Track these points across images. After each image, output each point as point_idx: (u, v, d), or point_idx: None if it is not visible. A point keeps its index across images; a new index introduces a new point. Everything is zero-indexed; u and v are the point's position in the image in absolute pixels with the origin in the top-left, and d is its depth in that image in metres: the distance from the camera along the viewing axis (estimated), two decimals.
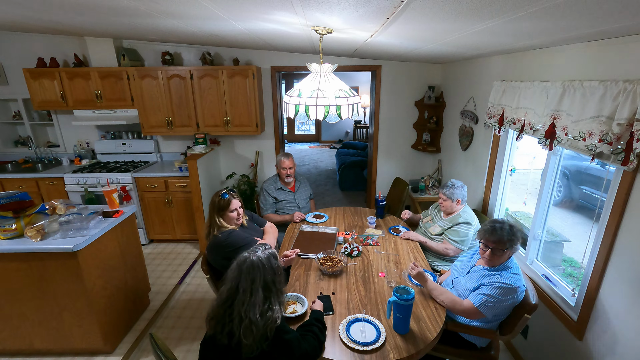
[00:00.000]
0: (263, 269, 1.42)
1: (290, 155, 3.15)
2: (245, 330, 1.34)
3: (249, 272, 1.40)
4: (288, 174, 3.08)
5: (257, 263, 1.42)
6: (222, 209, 2.16)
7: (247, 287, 1.38)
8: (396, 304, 1.59)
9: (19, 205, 2.18)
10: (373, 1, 1.23)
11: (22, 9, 2.13)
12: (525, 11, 1.13)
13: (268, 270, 1.43)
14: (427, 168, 4.35)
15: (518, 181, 3.05)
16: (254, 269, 1.41)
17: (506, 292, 1.69)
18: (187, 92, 3.68)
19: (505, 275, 1.73)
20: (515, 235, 1.74)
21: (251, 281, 1.39)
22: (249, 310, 1.36)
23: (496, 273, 1.77)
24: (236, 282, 1.40)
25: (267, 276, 1.42)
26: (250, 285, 1.39)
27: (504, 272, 1.75)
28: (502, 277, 1.73)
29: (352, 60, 3.92)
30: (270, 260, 1.47)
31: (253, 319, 1.35)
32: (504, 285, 1.69)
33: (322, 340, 1.54)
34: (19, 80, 3.87)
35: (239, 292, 1.39)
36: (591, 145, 1.50)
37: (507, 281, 1.70)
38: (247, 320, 1.34)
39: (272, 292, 1.43)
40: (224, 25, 2.23)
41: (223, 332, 1.36)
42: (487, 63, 2.80)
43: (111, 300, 2.43)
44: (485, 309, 1.71)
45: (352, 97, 1.89)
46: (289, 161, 3.09)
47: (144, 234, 3.95)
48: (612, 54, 1.53)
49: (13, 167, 3.97)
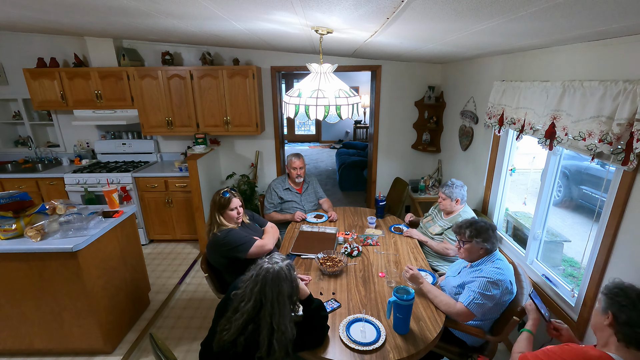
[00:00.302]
0: (289, 280, 1.41)
1: (301, 156, 3.12)
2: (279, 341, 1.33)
3: (274, 283, 1.38)
4: (298, 174, 3.06)
5: (282, 274, 1.40)
6: (223, 207, 2.18)
7: (274, 297, 1.36)
8: (396, 304, 1.59)
9: (19, 205, 2.18)
10: (373, 1, 1.23)
11: (22, 9, 2.13)
12: (525, 11, 1.13)
13: (291, 281, 1.43)
14: (427, 168, 4.35)
15: (518, 181, 3.06)
16: (280, 280, 1.39)
17: (487, 285, 1.71)
18: (187, 92, 3.68)
19: (486, 269, 1.78)
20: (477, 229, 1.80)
21: (278, 292, 1.37)
22: (280, 322, 1.35)
23: (477, 268, 1.82)
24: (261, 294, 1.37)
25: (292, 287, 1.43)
26: (277, 295, 1.37)
27: (484, 267, 1.80)
28: (482, 272, 1.77)
29: (352, 60, 3.92)
30: (291, 270, 1.46)
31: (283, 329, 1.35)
32: (485, 278, 1.73)
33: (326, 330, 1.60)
34: (19, 80, 3.87)
35: (264, 304, 1.37)
36: (591, 145, 1.50)
37: (487, 274, 1.74)
38: (279, 333, 1.34)
39: (294, 300, 1.44)
40: (224, 25, 2.23)
41: (237, 342, 1.35)
42: (487, 63, 2.80)
43: (111, 300, 2.43)
44: (474, 307, 1.71)
45: (352, 97, 1.89)
46: (299, 161, 3.07)
47: (144, 234, 3.95)
48: (612, 54, 1.53)
49: (13, 167, 3.97)
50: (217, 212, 2.18)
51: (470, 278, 1.81)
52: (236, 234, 2.15)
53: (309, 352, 1.53)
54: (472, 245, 1.83)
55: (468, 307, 1.72)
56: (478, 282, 1.74)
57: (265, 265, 1.43)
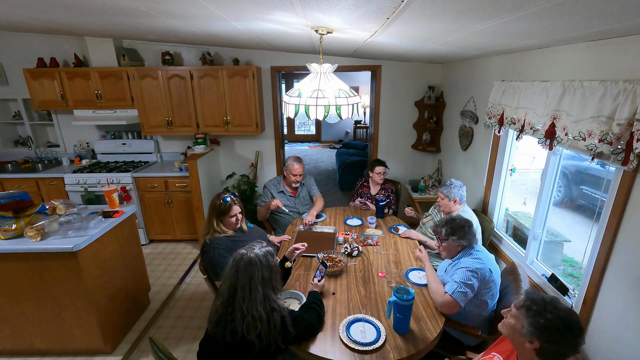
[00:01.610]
0: (260, 265, 1.44)
1: (301, 161, 2.99)
2: (248, 326, 1.35)
3: (246, 269, 1.42)
4: (297, 180, 2.95)
5: (254, 260, 1.44)
6: (222, 213, 2.12)
7: (246, 283, 1.40)
8: (396, 304, 1.59)
9: (19, 205, 2.18)
10: (373, 1, 1.23)
11: (22, 9, 2.13)
12: (525, 11, 1.13)
13: (265, 267, 1.45)
14: (427, 168, 4.35)
15: (518, 181, 3.05)
16: (252, 266, 1.43)
17: (467, 274, 1.78)
18: (187, 92, 3.68)
19: (464, 260, 1.86)
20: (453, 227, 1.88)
21: (249, 278, 1.41)
22: (250, 307, 1.37)
23: (457, 262, 1.90)
24: (234, 279, 1.43)
25: (264, 272, 1.44)
26: (248, 282, 1.41)
27: (463, 259, 1.88)
28: (461, 264, 1.85)
29: (352, 60, 3.92)
30: (267, 257, 1.49)
31: (256, 315, 1.37)
32: (464, 268, 1.81)
33: (321, 314, 1.66)
34: (19, 80, 3.87)
35: (237, 289, 1.41)
36: (591, 145, 1.50)
37: (466, 265, 1.82)
38: (250, 317, 1.36)
39: (270, 287, 1.45)
40: (224, 25, 2.23)
41: (226, 331, 1.38)
42: (487, 63, 2.80)
43: (111, 300, 2.43)
44: (458, 295, 1.75)
45: (352, 97, 1.89)
46: (300, 167, 2.93)
47: (144, 234, 3.95)
48: (612, 54, 1.53)
49: (13, 167, 3.97)
50: (215, 218, 2.12)
51: (452, 270, 1.89)
52: (219, 256, 2.01)
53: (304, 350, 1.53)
54: (449, 244, 1.91)
55: (453, 296, 1.76)
56: (459, 273, 1.81)
57: (241, 251, 1.49)
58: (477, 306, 1.85)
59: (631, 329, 1.47)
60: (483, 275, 1.79)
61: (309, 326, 1.55)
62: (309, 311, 1.61)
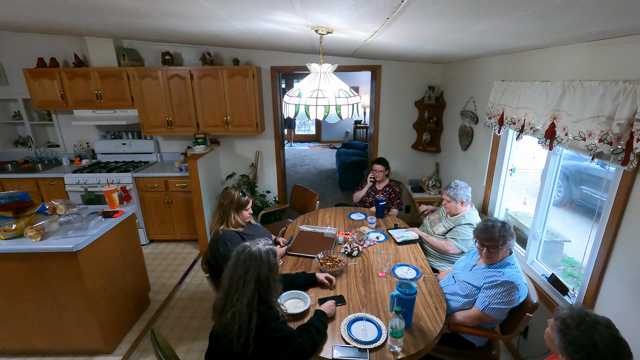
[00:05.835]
0: (260, 261, 1.43)
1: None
2: (231, 317, 1.35)
3: (245, 262, 1.42)
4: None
5: (255, 254, 1.44)
6: (242, 206, 2.24)
7: (241, 275, 1.40)
8: (399, 298, 1.60)
9: (19, 205, 2.18)
10: (373, 1, 1.23)
11: (22, 9, 2.13)
12: (525, 11, 1.13)
13: (264, 264, 1.43)
14: (427, 168, 4.35)
15: (518, 181, 3.05)
16: (251, 260, 1.42)
17: (509, 289, 1.69)
18: (187, 92, 3.68)
19: (508, 272, 1.74)
20: (507, 231, 1.77)
21: (245, 271, 1.41)
22: (238, 299, 1.37)
23: (497, 270, 1.78)
24: (233, 270, 1.43)
25: (262, 269, 1.42)
26: (244, 274, 1.40)
27: (504, 270, 1.76)
28: (504, 275, 1.73)
29: (352, 60, 3.92)
30: (269, 255, 1.47)
31: (239, 307, 1.36)
32: (506, 281, 1.70)
33: (317, 341, 1.50)
34: (19, 80, 3.87)
35: (233, 279, 1.41)
36: (591, 145, 1.50)
37: (509, 278, 1.71)
38: (234, 308, 1.36)
39: (264, 287, 1.42)
40: (224, 25, 2.23)
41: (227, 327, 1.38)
42: (487, 63, 2.80)
43: (111, 300, 2.43)
44: (491, 312, 1.71)
45: (352, 97, 1.89)
46: None
47: (144, 234, 3.95)
48: (612, 54, 1.53)
49: (13, 167, 3.97)
50: (234, 211, 2.22)
51: (489, 280, 1.76)
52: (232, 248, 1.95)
53: None
54: (504, 249, 1.78)
55: (484, 312, 1.71)
56: (498, 286, 1.71)
57: (245, 244, 1.50)
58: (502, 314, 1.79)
59: (631, 328, 1.47)
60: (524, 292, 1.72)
61: (298, 351, 1.42)
62: (304, 334, 1.48)
